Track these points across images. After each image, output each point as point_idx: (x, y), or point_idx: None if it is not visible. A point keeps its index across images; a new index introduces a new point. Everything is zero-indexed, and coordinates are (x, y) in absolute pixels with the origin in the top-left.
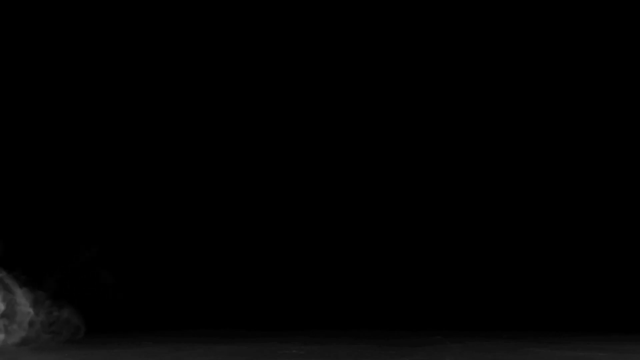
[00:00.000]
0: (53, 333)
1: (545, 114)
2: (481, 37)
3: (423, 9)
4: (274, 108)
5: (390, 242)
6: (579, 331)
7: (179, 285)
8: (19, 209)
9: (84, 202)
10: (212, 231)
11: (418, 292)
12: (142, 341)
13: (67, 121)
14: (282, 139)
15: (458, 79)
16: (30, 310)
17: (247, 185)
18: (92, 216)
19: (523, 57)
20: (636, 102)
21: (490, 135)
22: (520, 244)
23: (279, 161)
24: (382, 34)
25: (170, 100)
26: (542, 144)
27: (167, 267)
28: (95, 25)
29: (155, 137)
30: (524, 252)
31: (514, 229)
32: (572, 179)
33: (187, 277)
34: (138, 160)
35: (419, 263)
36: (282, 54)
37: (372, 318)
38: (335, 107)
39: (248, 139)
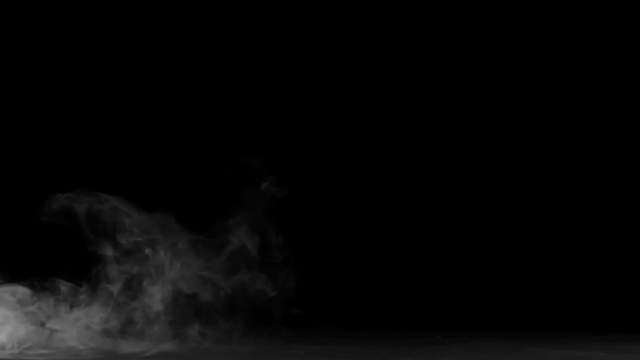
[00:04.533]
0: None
1: (545, 115)
2: (481, 37)
3: (423, 9)
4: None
5: (390, 242)
6: (579, 331)
7: None
8: None
9: None
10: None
11: (418, 292)
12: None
13: None
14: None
15: (457, 80)
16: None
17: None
18: None
19: (523, 57)
20: (636, 102)
21: (491, 135)
22: (520, 244)
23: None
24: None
25: None
26: (543, 144)
27: None
28: None
29: None
30: (524, 252)
31: (513, 229)
32: (572, 179)
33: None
34: None
35: (419, 263)
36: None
37: (373, 318)
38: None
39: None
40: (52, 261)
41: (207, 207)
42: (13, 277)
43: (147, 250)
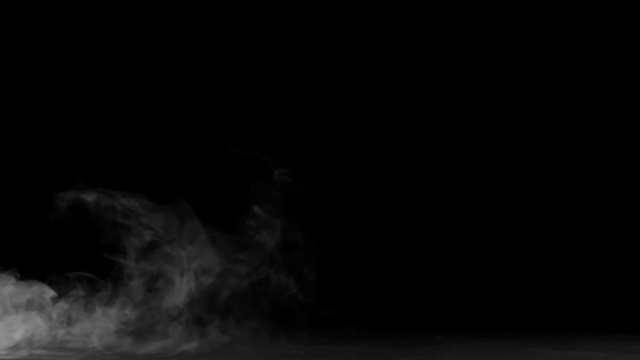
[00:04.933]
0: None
1: (545, 115)
2: (482, 37)
3: (423, 8)
4: None
5: (389, 241)
6: (579, 331)
7: None
8: None
9: None
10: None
11: (418, 292)
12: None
13: None
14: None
15: (458, 80)
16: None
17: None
18: None
19: (523, 57)
20: (636, 102)
21: (491, 136)
22: (520, 243)
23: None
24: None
25: None
26: (543, 145)
27: None
28: None
29: None
30: (524, 252)
31: (513, 229)
32: (572, 179)
33: None
34: None
35: (419, 263)
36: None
37: (372, 318)
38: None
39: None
40: (71, 259)
41: (222, 203)
42: (32, 274)
43: (166, 247)
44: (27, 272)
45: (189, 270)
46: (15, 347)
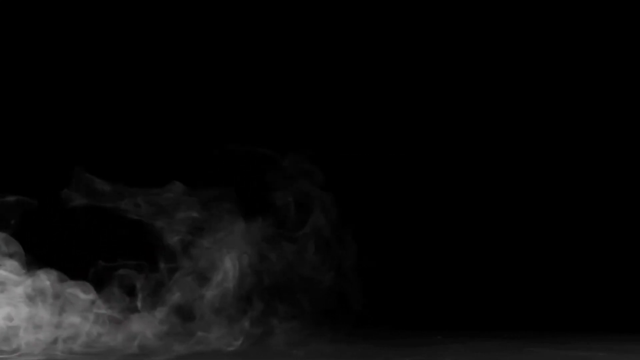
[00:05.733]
0: None
1: (545, 115)
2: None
3: (423, 8)
4: None
5: (389, 241)
6: (579, 331)
7: None
8: None
9: None
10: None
11: (418, 292)
12: None
13: None
14: None
15: (457, 80)
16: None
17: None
18: None
19: (525, 58)
20: (636, 102)
21: (491, 135)
22: (520, 243)
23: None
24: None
25: None
26: (544, 144)
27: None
28: None
29: None
30: (524, 252)
31: (513, 229)
32: (572, 179)
33: None
34: None
35: (418, 262)
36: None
37: (372, 318)
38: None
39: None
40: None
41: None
42: (72, 273)
43: (201, 242)
44: (66, 270)
45: (229, 264)
46: (50, 346)
